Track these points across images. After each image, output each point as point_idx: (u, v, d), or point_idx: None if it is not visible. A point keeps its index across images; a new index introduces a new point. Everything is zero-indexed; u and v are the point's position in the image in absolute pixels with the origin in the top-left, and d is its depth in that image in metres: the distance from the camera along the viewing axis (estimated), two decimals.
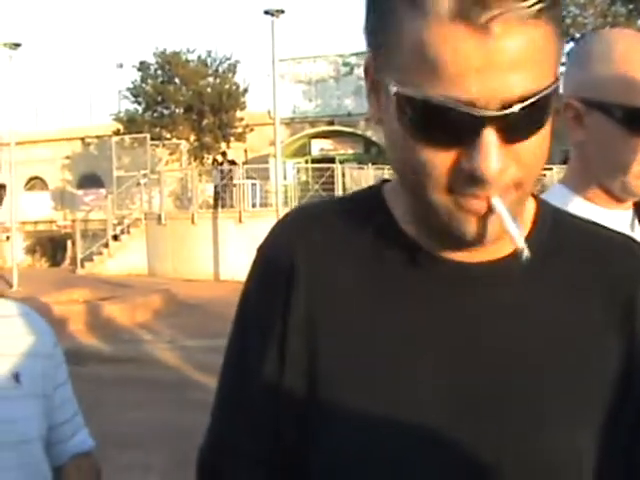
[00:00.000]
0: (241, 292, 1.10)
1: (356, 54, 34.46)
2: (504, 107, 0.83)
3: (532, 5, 0.80)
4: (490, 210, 0.89)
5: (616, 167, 1.59)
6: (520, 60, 0.82)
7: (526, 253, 0.88)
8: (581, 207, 1.60)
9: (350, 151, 33.64)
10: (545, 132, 0.90)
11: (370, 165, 25.07)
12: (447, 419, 0.94)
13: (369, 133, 33.07)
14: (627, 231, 1.56)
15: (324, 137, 33.89)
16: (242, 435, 1.06)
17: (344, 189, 24.64)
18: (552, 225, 1.04)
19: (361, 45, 0.93)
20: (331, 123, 33.85)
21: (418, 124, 0.86)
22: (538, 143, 0.89)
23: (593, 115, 1.56)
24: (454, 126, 0.84)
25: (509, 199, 0.89)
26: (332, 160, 29.28)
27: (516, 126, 0.85)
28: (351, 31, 71.69)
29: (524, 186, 0.91)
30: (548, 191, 1.72)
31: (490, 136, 0.84)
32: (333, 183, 24.23)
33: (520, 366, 0.96)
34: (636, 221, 1.68)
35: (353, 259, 1.02)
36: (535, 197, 1.07)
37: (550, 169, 19.85)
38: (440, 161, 0.87)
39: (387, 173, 25.09)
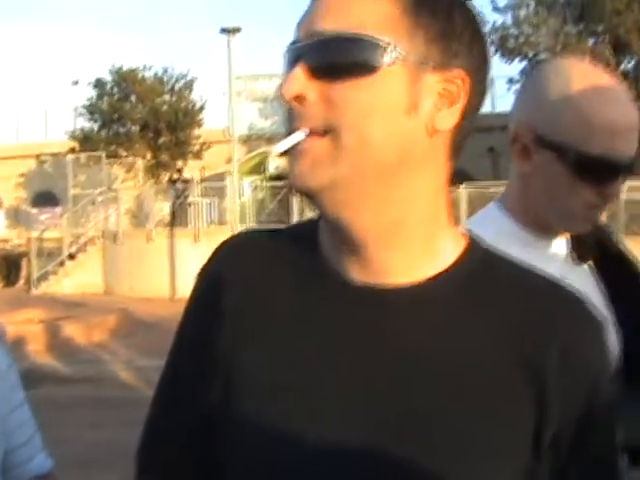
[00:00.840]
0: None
1: None
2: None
3: None
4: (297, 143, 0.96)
5: (559, 209, 1.57)
6: (329, 8, 0.96)
7: (274, 156, 0.98)
8: (516, 233, 1.59)
9: None
10: (373, 90, 0.94)
11: None
12: (356, 439, 0.97)
13: None
14: (562, 263, 1.59)
15: (280, 155, 33.88)
16: (163, 439, 1.15)
17: (301, 207, 24.76)
18: (479, 263, 1.03)
19: None
20: None
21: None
22: (355, 92, 0.93)
23: (543, 153, 1.53)
24: (286, 63, 1.00)
25: (318, 143, 0.95)
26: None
27: (320, 60, 0.95)
28: None
29: (339, 136, 0.94)
30: (484, 209, 1.72)
31: (297, 65, 0.96)
32: (289, 201, 24.32)
33: (422, 397, 0.96)
34: (570, 253, 1.67)
35: (280, 286, 1.06)
36: (468, 235, 1.07)
37: None
38: None
39: None
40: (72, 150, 32.56)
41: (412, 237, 0.99)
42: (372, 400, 0.98)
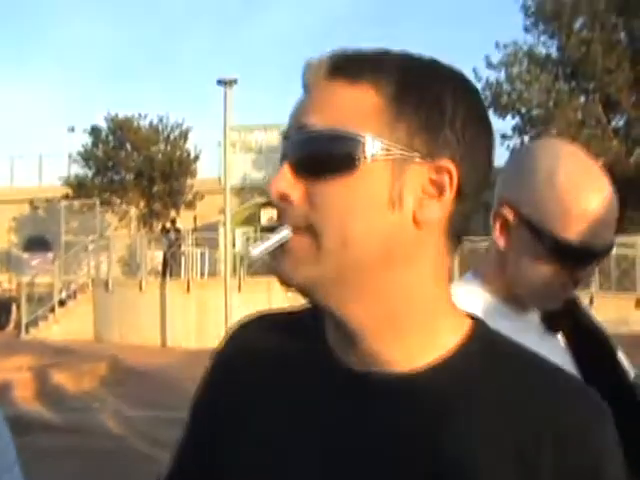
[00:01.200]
0: None
1: None
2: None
3: (329, 64, 0.97)
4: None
5: (533, 287, 1.58)
6: (312, 104, 0.96)
7: (250, 255, 0.96)
8: (491, 305, 1.61)
9: None
10: (354, 188, 0.93)
11: None
12: None
13: None
14: (535, 334, 1.59)
15: (273, 206, 33.93)
16: None
17: None
18: (480, 351, 1.00)
19: None
20: None
21: None
22: (336, 191, 0.93)
23: (523, 232, 1.55)
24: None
25: (300, 240, 0.94)
26: None
27: (303, 158, 0.95)
28: None
29: (320, 236, 0.93)
30: (462, 279, 1.73)
31: (285, 162, 0.96)
32: None
33: None
34: (542, 323, 1.68)
35: (280, 373, 1.07)
36: (474, 318, 1.05)
37: None
38: None
39: None
40: (66, 196, 32.67)
41: (407, 329, 0.98)
42: None
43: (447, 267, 1.01)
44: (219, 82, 21.85)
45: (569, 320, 1.70)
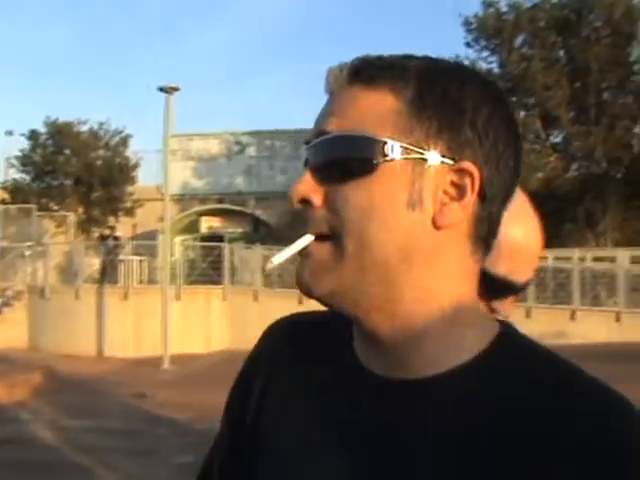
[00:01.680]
0: None
1: (248, 133, 34.89)
2: None
3: (351, 70, 0.99)
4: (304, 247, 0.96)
5: None
6: (334, 108, 0.98)
7: (270, 265, 0.98)
8: None
9: (239, 230, 33.75)
10: (374, 190, 0.93)
11: (259, 244, 25.24)
12: None
13: (258, 212, 33.34)
14: None
15: (213, 215, 33.96)
16: None
17: (232, 268, 24.70)
18: (506, 356, 0.98)
19: (253, 124, 1.10)
20: (221, 201, 33.98)
21: None
22: (357, 195, 0.93)
23: None
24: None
25: (322, 246, 0.95)
26: (221, 238, 29.34)
27: (324, 162, 0.97)
28: (244, 110, 72.48)
29: (342, 241, 0.93)
30: None
31: (307, 167, 0.98)
32: (221, 262, 24.27)
33: None
34: None
35: (312, 376, 1.08)
36: (504, 323, 1.03)
37: None
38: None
39: (275, 253, 25.22)
40: (2, 201, 32.16)
41: (430, 333, 0.96)
42: None
43: (472, 270, 1.00)
44: (160, 89, 21.68)
45: None
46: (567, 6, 33.07)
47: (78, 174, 32.74)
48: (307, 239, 0.95)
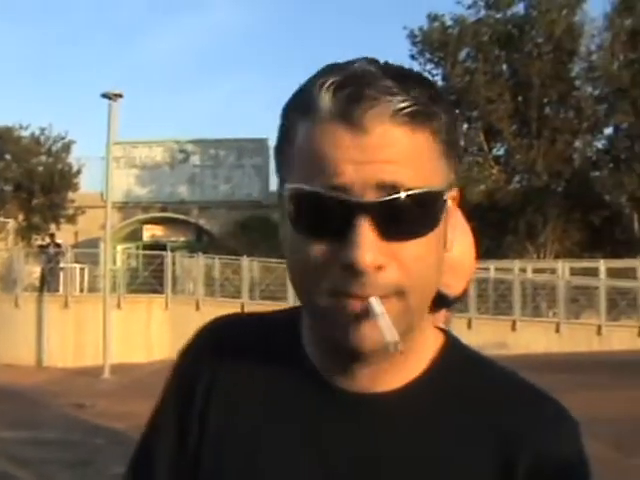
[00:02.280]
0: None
1: (192, 141, 34.74)
2: (379, 197, 0.87)
3: (399, 106, 0.87)
4: (369, 311, 0.88)
5: None
6: (394, 155, 0.87)
7: (397, 347, 0.88)
8: None
9: (182, 239, 33.62)
10: (432, 241, 0.91)
11: (201, 254, 25.10)
12: None
13: (202, 221, 33.21)
14: None
15: (156, 223, 33.75)
16: None
17: (174, 277, 24.53)
18: (453, 364, 1.02)
19: (197, 133, 1.02)
20: (164, 209, 33.77)
21: (300, 216, 0.90)
22: (423, 249, 0.90)
23: None
24: (331, 214, 0.87)
25: (390, 308, 0.89)
26: (163, 247, 29.13)
27: (393, 219, 0.87)
28: (189, 119, 72.18)
29: (407, 296, 0.90)
30: None
31: (364, 224, 0.86)
32: (163, 271, 24.08)
33: None
34: None
35: (256, 380, 1.05)
36: (445, 332, 1.07)
37: None
38: (322, 254, 0.89)
39: (218, 262, 25.19)
40: None
41: (410, 350, 0.97)
42: None
43: None
44: (104, 96, 21.48)
45: None
46: (510, 21, 33.59)
47: (18, 180, 32.31)
48: (374, 301, 0.88)
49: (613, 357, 19.02)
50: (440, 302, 1.52)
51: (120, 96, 21.66)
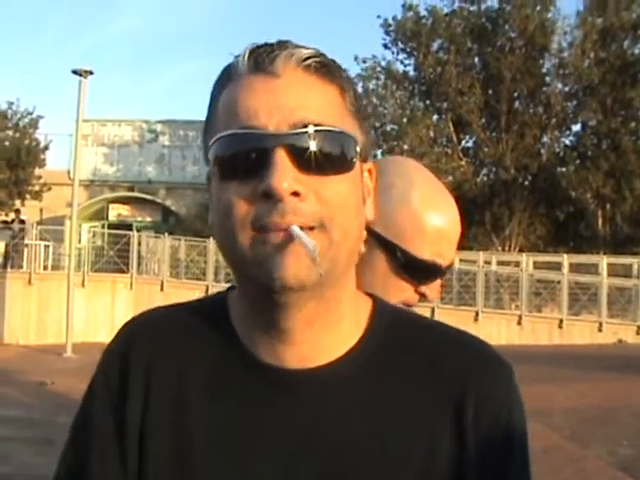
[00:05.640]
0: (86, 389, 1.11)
1: (162, 122, 34.53)
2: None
3: (308, 54, 0.97)
4: (291, 239, 0.92)
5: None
6: (305, 99, 0.95)
7: (320, 270, 0.92)
8: None
9: (148, 219, 33.47)
10: (349, 184, 0.97)
11: (167, 235, 25.01)
12: None
13: (168, 202, 33.06)
14: None
15: (123, 203, 33.56)
16: None
17: (139, 257, 24.43)
18: (389, 324, 1.06)
19: (167, 113, 1.05)
20: (131, 189, 33.59)
21: (223, 163, 0.96)
22: (341, 187, 0.96)
23: (373, 247, 1.54)
24: (249, 152, 0.93)
25: (315, 237, 0.93)
26: (129, 227, 29.00)
27: (307, 153, 0.93)
28: (159, 99, 71.66)
29: (328, 230, 0.94)
30: None
31: (279, 154, 0.92)
32: (128, 250, 23.98)
33: (339, 472, 0.98)
34: None
35: (188, 367, 1.05)
36: (372, 296, 1.11)
37: None
38: (243, 193, 0.94)
39: (183, 244, 25.13)
40: None
41: (343, 319, 1.03)
42: None
43: None
44: (74, 72, 21.25)
45: None
46: (484, 15, 33.71)
47: None
48: (295, 228, 0.92)
49: (573, 350, 19.23)
50: (434, 272, 1.60)
51: (91, 73, 21.42)
